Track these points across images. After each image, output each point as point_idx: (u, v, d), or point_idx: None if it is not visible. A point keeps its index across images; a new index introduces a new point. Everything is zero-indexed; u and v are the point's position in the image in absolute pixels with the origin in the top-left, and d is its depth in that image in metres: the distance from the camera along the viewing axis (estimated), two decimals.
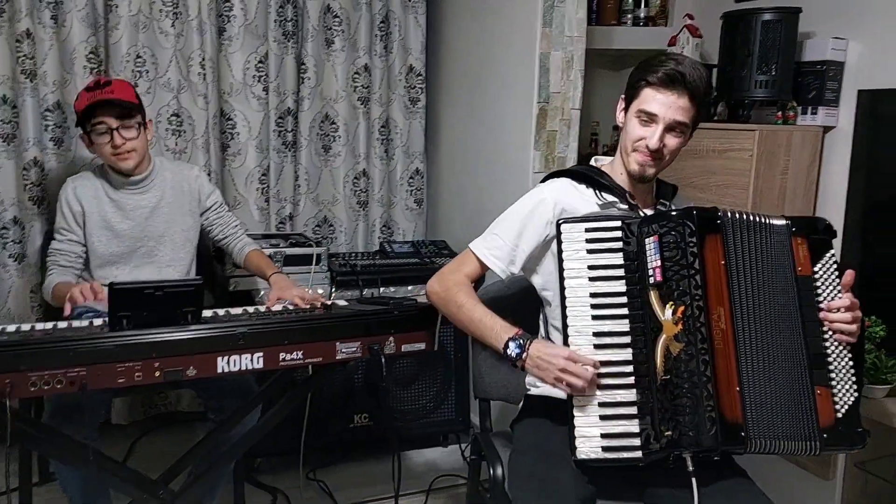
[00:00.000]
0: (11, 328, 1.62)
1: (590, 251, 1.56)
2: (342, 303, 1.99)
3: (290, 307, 1.85)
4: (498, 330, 1.62)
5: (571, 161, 2.48)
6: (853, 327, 1.50)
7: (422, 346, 1.85)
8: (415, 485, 2.52)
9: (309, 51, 2.89)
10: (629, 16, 3.05)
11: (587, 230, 1.57)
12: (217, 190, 2.32)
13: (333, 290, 2.65)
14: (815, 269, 1.53)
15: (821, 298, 1.52)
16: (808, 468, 2.08)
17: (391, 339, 1.80)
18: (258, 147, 2.85)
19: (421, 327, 1.83)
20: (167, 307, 1.61)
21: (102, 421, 1.98)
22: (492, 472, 1.67)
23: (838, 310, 1.50)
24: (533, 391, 1.78)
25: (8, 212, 2.52)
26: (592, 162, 1.79)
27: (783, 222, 1.55)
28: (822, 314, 1.51)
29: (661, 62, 1.59)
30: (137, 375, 1.53)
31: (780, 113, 2.32)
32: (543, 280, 1.75)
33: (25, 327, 1.65)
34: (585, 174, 1.73)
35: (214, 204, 2.26)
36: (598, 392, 1.51)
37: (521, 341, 1.58)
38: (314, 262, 2.61)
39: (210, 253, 2.53)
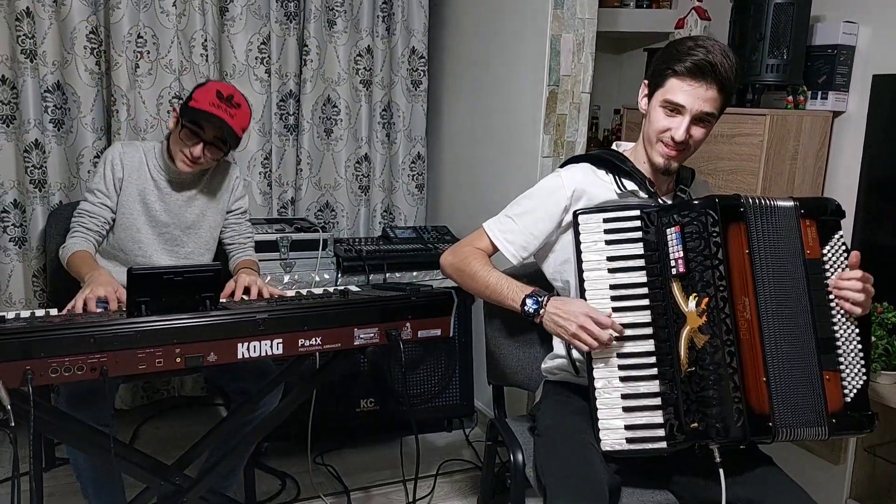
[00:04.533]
0: (26, 314, 1.60)
1: (609, 242, 1.55)
2: (354, 288, 1.98)
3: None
4: (515, 289, 1.63)
5: (580, 146, 2.47)
6: (861, 297, 1.47)
7: (437, 332, 1.84)
8: (421, 469, 2.52)
9: (311, 32, 2.84)
10: None
11: (605, 220, 1.56)
12: (247, 198, 2.25)
13: (339, 275, 2.63)
14: (824, 251, 1.50)
15: (829, 282, 1.50)
16: (818, 452, 2.10)
17: (408, 324, 1.79)
18: (261, 131, 2.81)
19: (437, 313, 1.82)
20: (186, 293, 1.59)
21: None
22: (512, 457, 1.67)
23: (848, 280, 1.47)
24: (551, 378, 1.79)
25: (8, 195, 2.47)
26: (615, 147, 1.77)
27: (791, 203, 1.52)
28: (831, 280, 1.48)
29: (690, 49, 1.53)
30: (158, 361, 1.51)
31: (790, 98, 2.32)
32: (553, 269, 1.74)
33: (40, 313, 1.62)
34: (606, 159, 1.71)
35: (238, 209, 2.20)
36: (620, 384, 1.51)
37: (539, 297, 1.59)
38: (320, 248, 2.60)
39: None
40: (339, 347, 1.72)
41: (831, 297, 1.49)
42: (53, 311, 1.65)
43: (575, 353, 1.68)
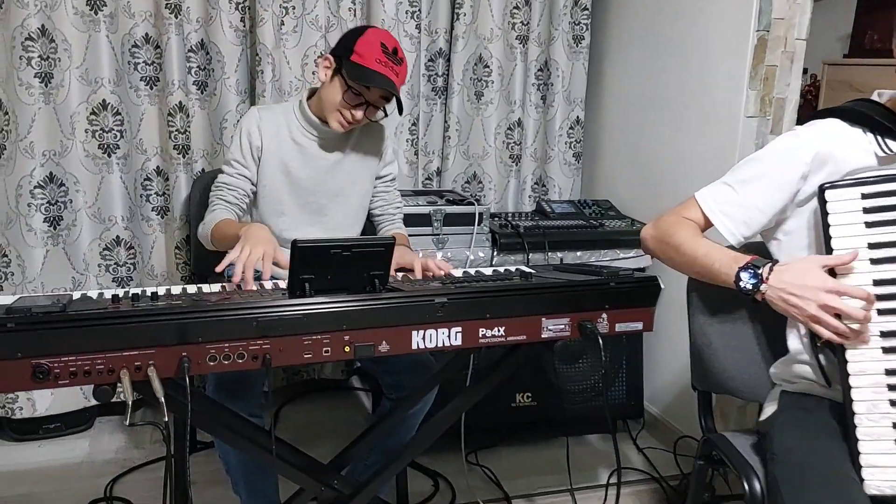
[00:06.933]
0: (177, 290, 1.41)
1: (870, 224, 1.24)
2: (527, 270, 1.70)
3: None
4: (727, 262, 1.33)
5: (793, 104, 2.06)
6: None
7: (639, 325, 1.53)
8: (586, 478, 2.22)
9: None
10: None
11: (864, 196, 1.24)
12: (396, 162, 2.03)
13: (495, 253, 2.35)
14: None
15: None
16: None
17: (604, 315, 1.49)
18: (409, 93, 2.55)
19: (639, 303, 1.51)
20: (354, 271, 1.35)
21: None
22: (746, 487, 1.34)
23: None
24: (788, 387, 1.44)
25: (151, 162, 2.35)
26: (875, 96, 1.39)
27: None
28: None
29: None
30: (326, 350, 1.28)
31: None
32: (788, 257, 1.39)
33: (192, 289, 1.43)
34: (863, 114, 1.34)
35: (388, 176, 1.97)
36: (891, 409, 1.19)
37: (756, 269, 1.28)
38: (476, 223, 2.32)
39: None
40: (525, 340, 1.44)
41: None
42: (207, 288, 1.45)
43: (825, 359, 1.32)
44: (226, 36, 2.30)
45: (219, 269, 1.45)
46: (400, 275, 1.61)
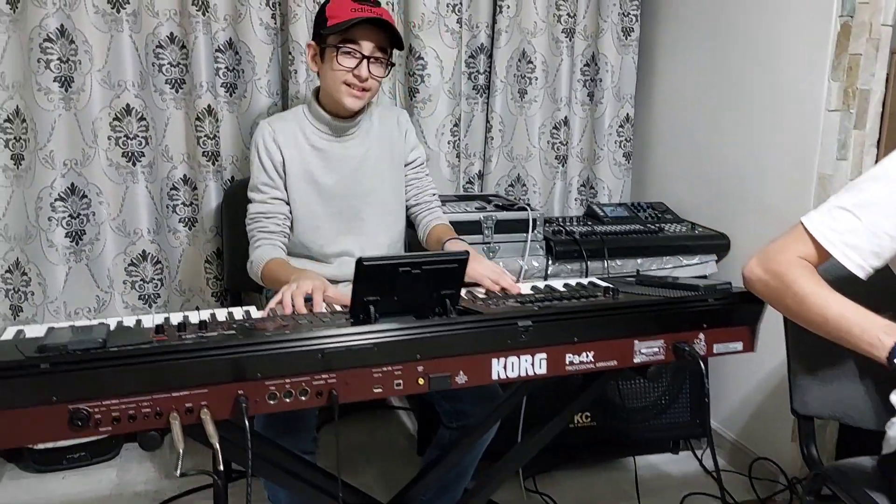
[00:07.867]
0: (221, 315, 1.25)
1: None
2: (600, 283, 1.53)
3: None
4: (873, 331, 1.11)
5: (878, 96, 1.88)
6: None
7: (738, 345, 1.37)
8: (655, 503, 2.05)
9: None
10: None
11: None
12: (421, 147, 1.88)
13: (550, 262, 2.18)
14: None
15: None
16: None
17: (700, 335, 1.32)
18: (450, 92, 2.39)
19: (739, 321, 1.34)
20: (423, 290, 1.19)
21: None
22: None
23: None
24: None
25: (178, 170, 2.19)
26: None
27: None
28: None
29: None
30: (397, 384, 1.12)
31: None
32: None
33: (238, 314, 1.28)
34: None
35: (416, 161, 1.83)
36: None
37: None
38: (530, 229, 2.15)
39: None
40: (615, 366, 1.28)
41: None
42: (255, 312, 1.29)
43: None
44: (256, 34, 2.14)
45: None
46: (463, 291, 1.45)
